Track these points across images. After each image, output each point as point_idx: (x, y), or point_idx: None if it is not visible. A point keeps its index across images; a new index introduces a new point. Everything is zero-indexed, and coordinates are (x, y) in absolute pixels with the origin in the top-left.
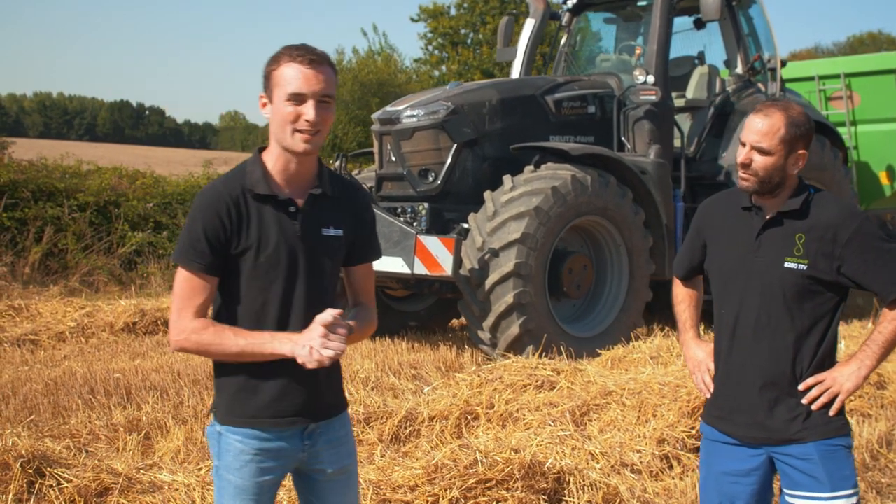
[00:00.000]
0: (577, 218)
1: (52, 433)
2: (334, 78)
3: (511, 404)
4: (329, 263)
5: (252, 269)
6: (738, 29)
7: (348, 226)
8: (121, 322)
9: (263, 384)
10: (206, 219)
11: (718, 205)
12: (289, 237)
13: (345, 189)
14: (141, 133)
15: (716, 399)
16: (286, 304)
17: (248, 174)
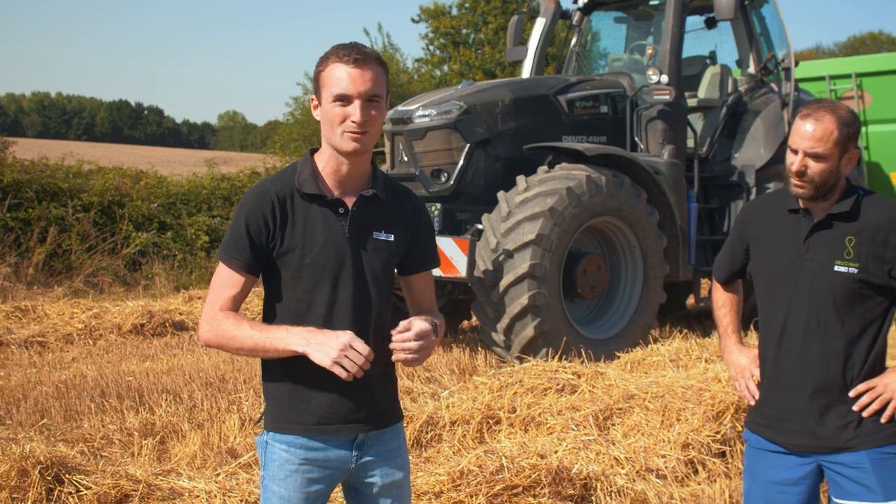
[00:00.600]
0: (592, 219)
1: (64, 437)
2: (383, 76)
3: (533, 408)
4: (379, 268)
5: (297, 269)
6: (750, 28)
7: (401, 232)
8: (128, 324)
9: (311, 389)
10: (249, 216)
11: (763, 207)
12: (336, 239)
13: (398, 194)
14: (139, 133)
15: (762, 406)
16: (332, 308)
17: (298, 173)
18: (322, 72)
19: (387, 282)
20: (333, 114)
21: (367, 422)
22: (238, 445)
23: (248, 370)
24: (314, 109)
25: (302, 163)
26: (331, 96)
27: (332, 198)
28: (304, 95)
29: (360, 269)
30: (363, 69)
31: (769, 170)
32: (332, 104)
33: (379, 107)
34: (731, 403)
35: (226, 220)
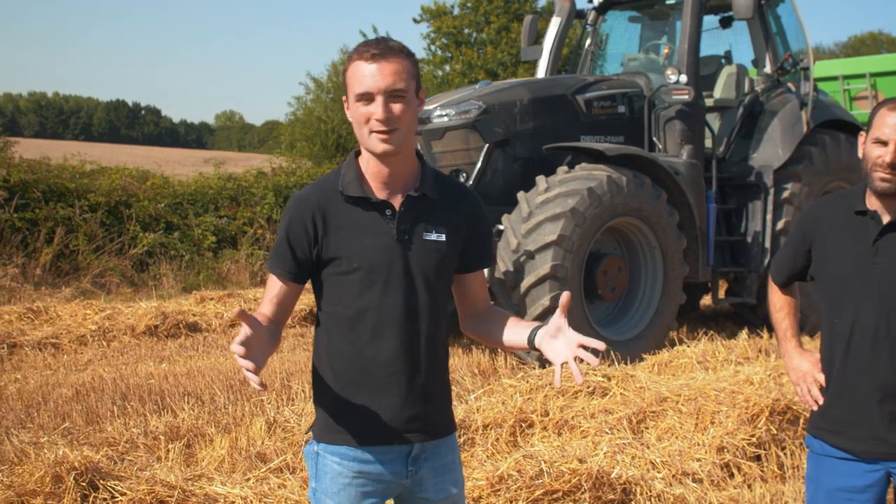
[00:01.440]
0: (613, 219)
1: (88, 441)
2: (408, 68)
3: (566, 411)
4: (432, 270)
5: (345, 275)
6: (766, 28)
7: (453, 231)
8: (142, 325)
9: (359, 399)
10: (290, 224)
11: (827, 209)
12: (383, 242)
13: (450, 191)
14: (137, 133)
15: (827, 411)
16: (382, 314)
17: (342, 176)
18: (347, 71)
19: (441, 285)
20: (358, 114)
21: (422, 432)
22: (267, 449)
23: (267, 373)
24: (347, 110)
25: (346, 165)
26: (354, 95)
27: (377, 200)
28: (307, 95)
29: (412, 272)
30: (383, 63)
31: (787, 170)
32: (356, 104)
33: (405, 101)
34: (766, 406)
35: (232, 220)
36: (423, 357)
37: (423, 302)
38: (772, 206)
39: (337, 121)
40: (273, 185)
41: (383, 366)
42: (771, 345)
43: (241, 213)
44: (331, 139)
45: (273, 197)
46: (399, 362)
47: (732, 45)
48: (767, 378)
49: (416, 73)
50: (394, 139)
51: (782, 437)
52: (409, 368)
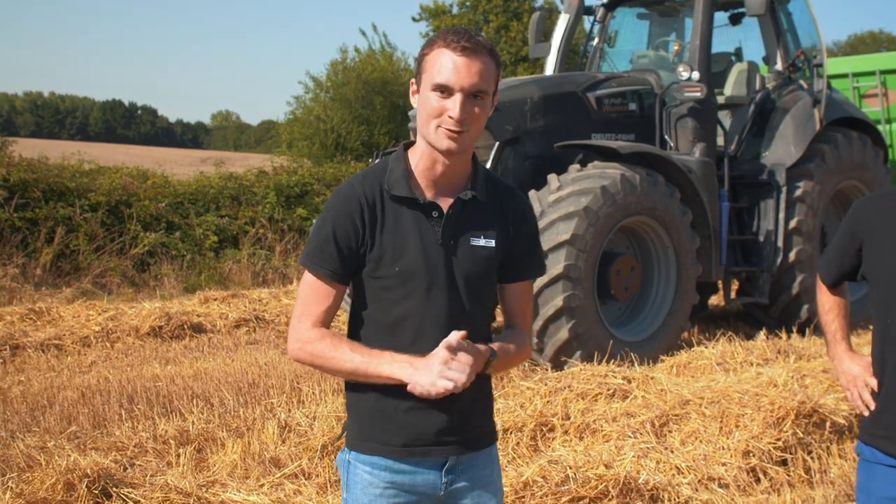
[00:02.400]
0: (626, 218)
1: (95, 446)
2: (493, 70)
3: (587, 415)
4: (477, 277)
5: (386, 279)
6: (778, 24)
7: (502, 236)
8: (146, 326)
9: (399, 405)
10: (336, 220)
11: (877, 206)
12: (429, 245)
13: (500, 194)
14: (133, 132)
15: (880, 417)
16: (423, 321)
17: (389, 172)
18: (426, 55)
19: (486, 293)
20: (430, 104)
21: (459, 444)
22: (281, 454)
23: (277, 374)
24: (412, 95)
25: (394, 159)
26: (430, 84)
27: (424, 201)
28: (306, 95)
29: (457, 278)
30: (471, 59)
31: (799, 168)
32: (431, 93)
33: (483, 104)
34: (791, 409)
35: (234, 219)
36: None
37: (466, 310)
38: (784, 204)
39: (336, 120)
40: (275, 185)
41: None
42: (790, 346)
43: (242, 212)
44: (330, 138)
45: (275, 196)
46: None
47: (742, 41)
48: (791, 380)
49: (498, 76)
50: (462, 139)
51: (808, 440)
52: None
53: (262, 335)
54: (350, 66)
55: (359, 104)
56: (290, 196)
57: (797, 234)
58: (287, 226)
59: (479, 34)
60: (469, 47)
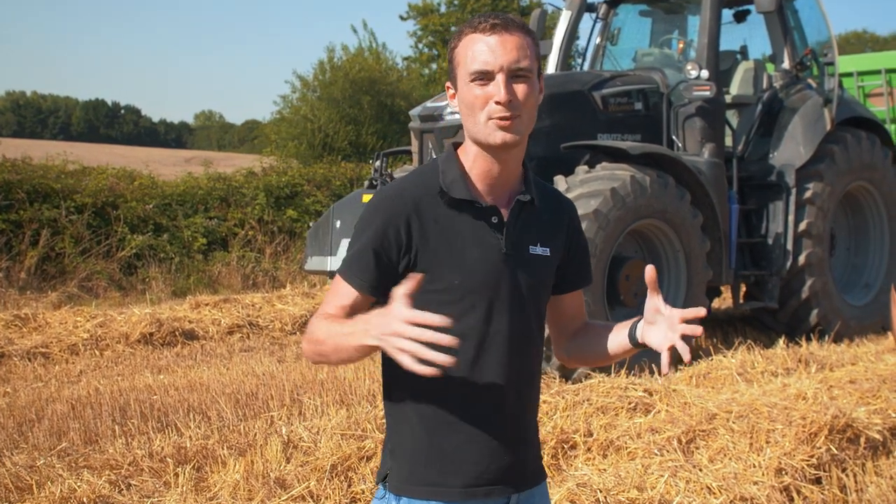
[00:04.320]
0: (636, 221)
1: (87, 464)
2: (531, 46)
3: (610, 431)
4: (536, 290)
5: (444, 292)
6: (785, 22)
7: (556, 244)
8: (136, 333)
9: (453, 442)
10: (377, 227)
11: None
12: (491, 255)
13: (550, 198)
14: (116, 132)
15: None
16: (483, 341)
17: (443, 173)
18: (456, 48)
19: (544, 306)
20: (472, 97)
21: (520, 480)
22: (287, 475)
23: (276, 384)
24: (451, 99)
25: (444, 160)
26: (467, 75)
27: (485, 205)
28: (293, 94)
29: (518, 292)
30: (505, 36)
31: (809, 169)
32: (469, 85)
33: (530, 83)
34: (825, 424)
35: (223, 221)
36: (525, 393)
37: (530, 328)
38: (794, 206)
39: (324, 120)
40: (264, 186)
41: (484, 404)
42: (811, 354)
43: (231, 213)
44: (318, 138)
45: (264, 197)
46: (502, 399)
47: (747, 39)
48: (820, 392)
49: (539, 54)
50: (515, 127)
51: (842, 457)
52: (513, 406)
53: (257, 342)
54: (337, 65)
55: (346, 103)
56: (279, 197)
57: (807, 236)
58: (277, 227)
59: (507, 13)
60: (500, 23)
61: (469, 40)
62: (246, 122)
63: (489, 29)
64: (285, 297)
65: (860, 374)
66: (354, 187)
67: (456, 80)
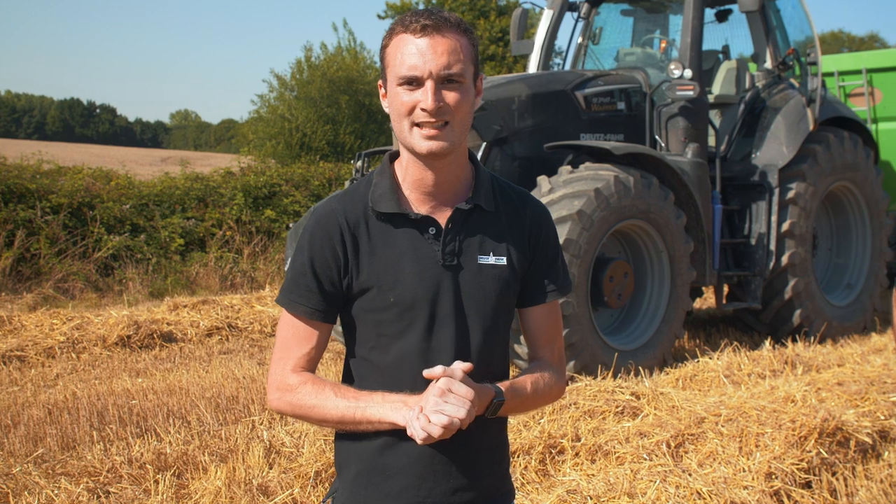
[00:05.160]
0: (620, 222)
1: (65, 471)
2: (466, 48)
3: (598, 435)
4: (490, 303)
5: (378, 312)
6: (767, 21)
7: (516, 251)
8: (114, 335)
9: (396, 465)
10: (314, 248)
11: None
12: (427, 269)
13: (512, 201)
14: (91, 131)
15: None
16: (425, 360)
17: (374, 187)
18: (386, 47)
19: (500, 320)
20: (399, 102)
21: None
22: (270, 482)
23: (256, 388)
24: (382, 99)
25: (378, 172)
26: (396, 78)
27: (417, 216)
28: (270, 93)
29: (464, 306)
30: (436, 38)
31: (792, 169)
32: (397, 89)
33: (462, 89)
34: (814, 428)
35: (201, 221)
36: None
37: (477, 343)
38: (776, 206)
39: (301, 119)
40: (242, 186)
41: None
42: (798, 356)
43: (209, 214)
44: (295, 138)
45: (242, 198)
46: None
47: (728, 39)
48: (808, 395)
49: (476, 55)
50: (444, 136)
51: (832, 460)
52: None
53: (236, 344)
54: (315, 65)
55: (324, 103)
56: (257, 197)
57: (790, 237)
58: (255, 228)
59: (444, 10)
60: (430, 24)
61: (399, 41)
62: (222, 121)
63: (420, 31)
64: (264, 299)
65: (847, 375)
66: (333, 187)
67: (385, 81)
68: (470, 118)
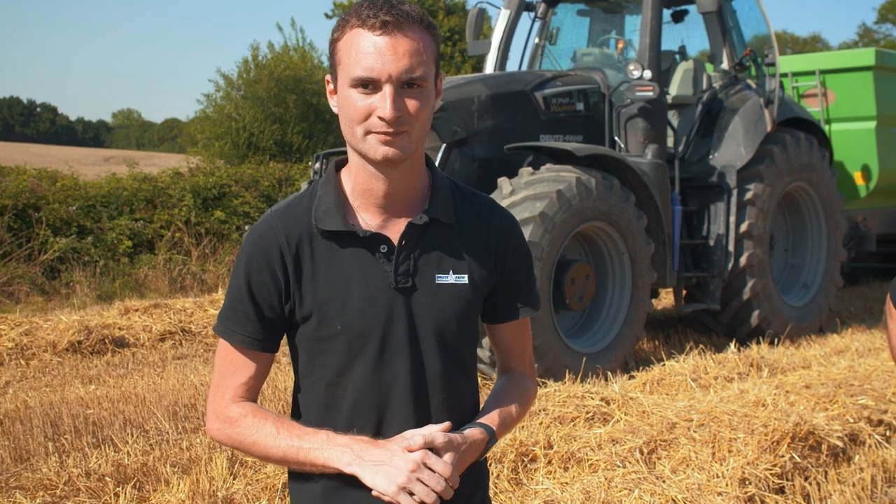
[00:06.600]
0: (582, 224)
1: (20, 485)
2: (429, 47)
3: (571, 443)
4: (450, 327)
5: (324, 340)
6: (724, 22)
7: (479, 267)
8: (64, 341)
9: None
10: (251, 271)
11: None
12: (378, 292)
13: (475, 211)
14: (32, 131)
15: None
16: (377, 393)
17: (317, 201)
18: (338, 41)
19: (464, 344)
20: (353, 105)
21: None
22: (235, 493)
23: None
24: (330, 96)
25: (322, 184)
26: (349, 79)
27: (365, 234)
28: (217, 93)
29: (416, 332)
30: (397, 37)
31: (750, 170)
32: (351, 90)
33: (423, 94)
34: (787, 432)
35: (149, 223)
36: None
37: (437, 373)
38: (735, 207)
39: (248, 119)
40: (191, 187)
41: None
42: (762, 359)
43: (157, 215)
44: (242, 137)
45: (191, 199)
46: None
47: (685, 39)
48: (779, 398)
49: (438, 53)
50: (401, 142)
51: (805, 465)
52: None
53: (190, 349)
54: (262, 64)
55: (271, 102)
56: (207, 198)
57: (748, 237)
58: (205, 229)
59: (405, 1)
60: (391, 21)
61: (354, 36)
62: (166, 120)
63: (379, 27)
64: (217, 302)
65: (814, 378)
66: (283, 188)
67: (336, 79)
68: (429, 123)
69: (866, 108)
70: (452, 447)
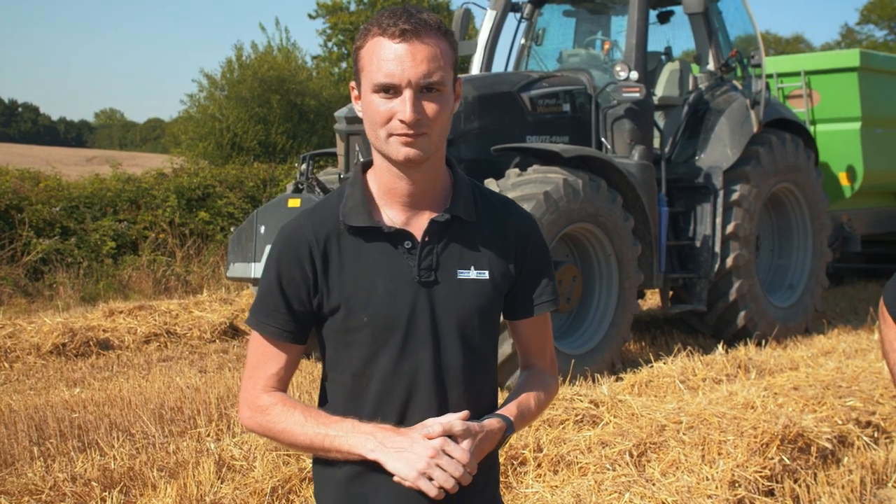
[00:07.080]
0: (569, 225)
1: (4, 490)
2: (447, 53)
3: (560, 446)
4: (472, 321)
5: (351, 332)
6: (710, 23)
7: (499, 263)
8: (48, 343)
9: (381, 486)
10: (282, 266)
11: None
12: (402, 285)
13: (495, 210)
14: (13, 131)
15: None
16: (399, 383)
17: (345, 200)
18: (361, 49)
19: (484, 338)
20: (375, 111)
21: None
22: (223, 497)
23: (200, 398)
24: (355, 101)
25: (350, 184)
26: (371, 85)
27: (390, 229)
28: (200, 93)
29: (438, 325)
30: (416, 44)
31: (736, 171)
32: (372, 96)
33: (442, 98)
34: (776, 434)
35: (133, 224)
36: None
37: (458, 364)
38: (721, 208)
39: (232, 119)
40: (175, 187)
41: None
42: (750, 360)
43: (141, 216)
44: (226, 137)
45: (175, 199)
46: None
47: (670, 40)
48: (767, 400)
49: (456, 59)
50: (421, 144)
51: (794, 467)
52: None
53: (175, 351)
54: (246, 64)
55: (255, 103)
56: (191, 199)
57: (734, 238)
58: (189, 230)
59: (423, 10)
60: (410, 29)
61: (375, 44)
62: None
63: (398, 35)
64: (203, 304)
65: (802, 380)
66: (268, 188)
67: (359, 85)
68: (449, 125)
69: (851, 109)
70: (470, 435)
